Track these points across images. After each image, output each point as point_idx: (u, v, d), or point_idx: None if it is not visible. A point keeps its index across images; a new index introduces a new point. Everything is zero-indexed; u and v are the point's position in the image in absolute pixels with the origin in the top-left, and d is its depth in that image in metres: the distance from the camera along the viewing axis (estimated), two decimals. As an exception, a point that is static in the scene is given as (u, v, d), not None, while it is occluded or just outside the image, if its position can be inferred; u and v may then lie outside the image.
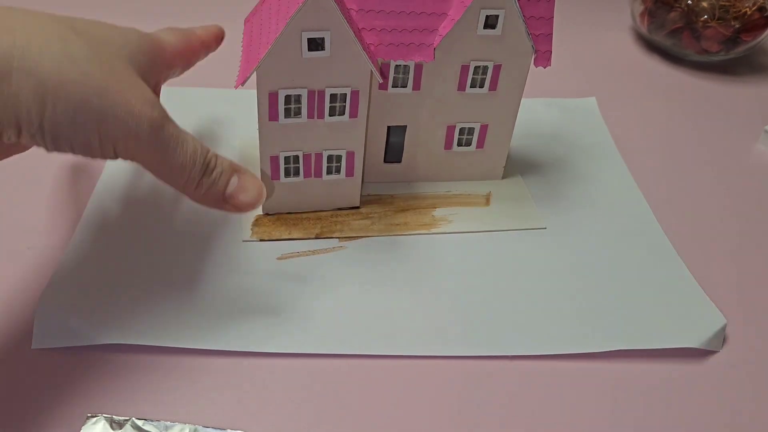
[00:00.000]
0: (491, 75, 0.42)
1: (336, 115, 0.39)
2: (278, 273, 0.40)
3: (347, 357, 0.36)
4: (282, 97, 0.38)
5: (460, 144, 0.45)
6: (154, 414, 0.32)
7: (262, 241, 0.42)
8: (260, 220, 0.43)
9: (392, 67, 0.41)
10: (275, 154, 0.40)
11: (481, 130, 0.45)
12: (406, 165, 0.46)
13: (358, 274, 0.40)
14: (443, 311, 0.39)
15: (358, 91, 0.39)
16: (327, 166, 0.42)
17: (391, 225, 0.43)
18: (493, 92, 0.43)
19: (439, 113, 0.44)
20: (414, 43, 0.40)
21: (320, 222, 0.43)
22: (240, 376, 0.35)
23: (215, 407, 0.33)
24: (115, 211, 0.43)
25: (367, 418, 0.33)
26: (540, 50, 0.42)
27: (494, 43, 0.41)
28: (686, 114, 0.59)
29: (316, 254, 0.41)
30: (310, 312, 0.38)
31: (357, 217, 0.44)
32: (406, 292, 0.39)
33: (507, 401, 0.35)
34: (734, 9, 0.61)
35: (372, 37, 0.39)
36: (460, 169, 0.47)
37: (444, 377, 0.36)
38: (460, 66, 0.41)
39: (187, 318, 0.36)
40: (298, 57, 0.36)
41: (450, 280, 0.40)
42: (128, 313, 0.36)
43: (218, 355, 0.35)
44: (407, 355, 0.36)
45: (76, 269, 0.39)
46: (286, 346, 0.36)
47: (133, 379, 0.34)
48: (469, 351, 0.37)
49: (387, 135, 0.44)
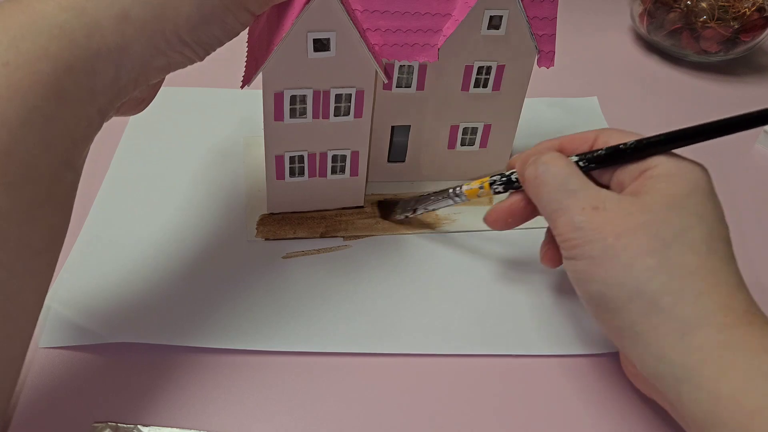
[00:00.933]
0: (495, 75, 0.42)
1: (341, 116, 0.39)
2: (283, 272, 0.40)
3: (353, 355, 0.36)
4: (287, 97, 0.38)
5: (463, 144, 0.46)
6: (159, 420, 0.32)
7: (267, 240, 0.42)
8: (265, 220, 0.43)
9: (396, 68, 0.41)
10: (280, 154, 0.41)
11: (484, 129, 0.45)
12: (410, 164, 0.46)
13: (363, 272, 0.40)
14: (449, 310, 0.39)
15: (363, 91, 0.39)
16: (332, 165, 0.42)
17: (395, 224, 0.44)
18: (496, 92, 0.43)
19: (443, 113, 0.44)
20: (418, 44, 0.40)
21: (325, 221, 0.43)
22: (245, 378, 0.35)
23: (221, 410, 0.33)
24: (121, 211, 0.43)
25: (375, 416, 0.34)
26: (543, 51, 0.42)
27: (498, 43, 0.41)
28: (685, 114, 0.59)
29: (320, 253, 0.42)
30: (316, 310, 0.38)
31: (361, 216, 0.44)
32: (411, 290, 0.40)
33: (509, 399, 0.35)
34: (733, 9, 0.61)
35: (377, 37, 0.40)
36: (463, 169, 0.47)
37: (451, 375, 0.36)
38: (464, 66, 0.42)
39: (194, 317, 0.37)
40: (304, 57, 0.37)
41: (456, 278, 0.41)
42: (135, 312, 0.37)
43: (221, 354, 0.35)
44: (413, 353, 0.36)
45: (84, 268, 0.39)
46: (294, 344, 0.36)
47: (138, 385, 0.34)
48: (473, 350, 0.37)
49: (391, 135, 0.45)
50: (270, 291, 0.39)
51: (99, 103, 0.27)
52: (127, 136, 0.50)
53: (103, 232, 0.41)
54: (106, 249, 0.40)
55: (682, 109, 0.61)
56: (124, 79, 0.28)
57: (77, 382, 0.34)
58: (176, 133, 0.51)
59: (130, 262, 0.40)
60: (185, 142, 0.50)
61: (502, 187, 0.38)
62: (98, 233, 0.41)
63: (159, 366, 0.35)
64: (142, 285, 0.38)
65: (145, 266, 0.39)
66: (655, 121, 0.58)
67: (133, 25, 0.27)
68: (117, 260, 0.40)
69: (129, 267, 0.39)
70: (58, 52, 0.25)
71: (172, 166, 0.47)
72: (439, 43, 0.40)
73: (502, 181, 0.38)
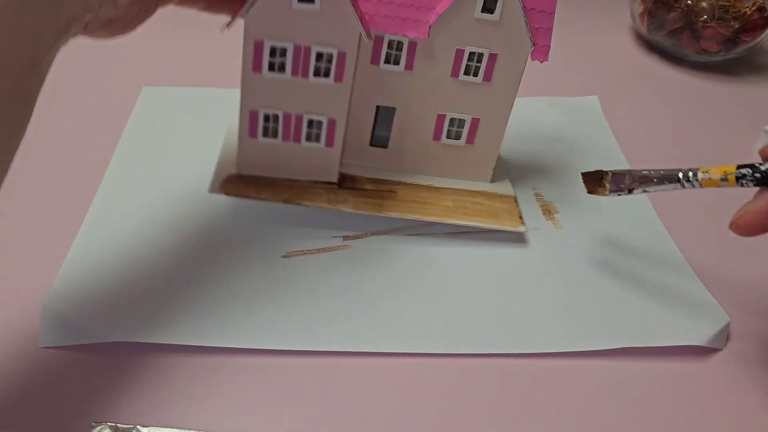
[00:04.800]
0: (486, 64, 0.41)
1: (321, 77, 0.39)
2: (284, 271, 0.40)
3: (355, 355, 0.36)
4: (267, 48, 0.37)
5: (449, 136, 0.44)
6: (158, 420, 0.32)
7: (228, 196, 0.40)
8: (231, 179, 0.42)
9: (386, 42, 0.40)
10: (255, 110, 0.40)
11: (472, 123, 0.44)
12: (393, 152, 0.45)
13: (362, 272, 0.40)
14: (448, 309, 0.38)
15: (345, 53, 0.38)
16: (307, 131, 0.41)
17: (365, 202, 0.42)
18: (487, 83, 0.42)
19: (431, 99, 0.43)
20: (410, 19, 0.40)
21: (293, 190, 0.42)
22: (245, 378, 0.34)
23: (220, 410, 0.33)
24: (120, 209, 0.43)
25: (374, 416, 0.33)
26: (538, 44, 0.41)
27: (491, 29, 0.40)
28: (686, 114, 0.59)
29: (320, 253, 0.41)
30: (316, 309, 0.37)
31: (332, 191, 0.42)
32: (411, 289, 0.39)
33: (511, 399, 0.34)
34: (734, 9, 0.61)
35: (369, 6, 0.39)
36: (447, 165, 0.45)
37: (451, 375, 0.36)
38: (455, 49, 0.41)
39: (192, 315, 0.36)
40: (288, 7, 0.36)
41: (455, 278, 0.40)
42: (133, 310, 0.36)
43: (221, 353, 0.35)
44: (413, 352, 0.36)
45: (82, 267, 0.38)
46: (293, 343, 0.35)
47: (137, 385, 0.33)
48: (473, 349, 0.36)
49: (375, 116, 0.43)
50: (269, 290, 0.38)
51: (65, 12, 0.28)
52: (127, 134, 0.49)
53: (102, 231, 0.41)
54: (105, 248, 0.40)
55: (683, 108, 0.60)
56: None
57: (76, 383, 0.33)
58: (177, 133, 0.50)
59: (128, 261, 0.39)
60: (185, 142, 0.49)
61: (753, 183, 0.32)
62: (96, 233, 0.41)
63: (158, 366, 0.34)
64: (141, 284, 0.38)
65: (143, 265, 0.39)
66: (655, 121, 0.58)
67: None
68: (115, 259, 0.39)
69: (127, 266, 0.39)
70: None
71: (172, 165, 0.47)
72: (431, 20, 0.40)
73: (755, 177, 0.32)
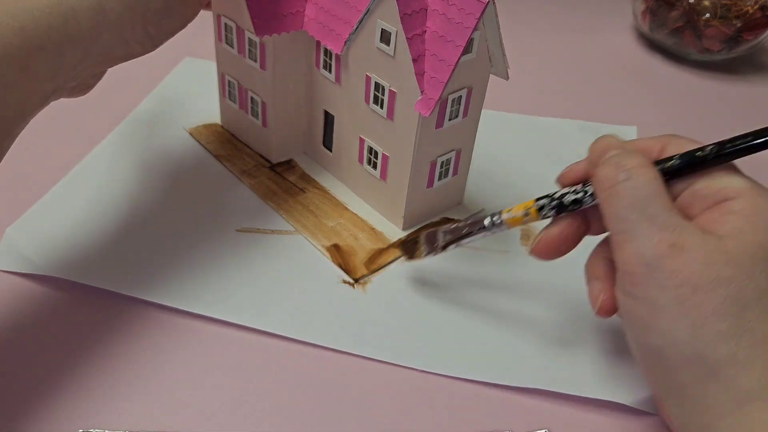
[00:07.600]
0: (388, 99, 0.38)
1: (251, 59, 0.43)
2: (236, 244, 0.40)
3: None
4: (222, 23, 0.43)
5: (369, 163, 0.42)
6: (146, 426, 0.31)
7: (191, 136, 0.48)
8: (212, 127, 0.50)
9: (322, 49, 0.41)
10: (222, 74, 0.46)
11: (383, 158, 0.41)
12: (335, 157, 0.45)
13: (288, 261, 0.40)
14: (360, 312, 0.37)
15: (265, 45, 0.41)
16: (251, 106, 0.45)
17: (267, 188, 0.44)
18: (390, 120, 0.39)
19: (354, 118, 0.41)
20: (334, 31, 0.39)
21: (238, 155, 0.47)
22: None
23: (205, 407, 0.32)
24: (114, 164, 0.45)
25: (371, 416, 0.33)
26: (426, 95, 0.35)
27: (389, 63, 0.37)
28: (688, 113, 0.58)
29: (275, 234, 0.41)
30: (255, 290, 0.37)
31: (260, 168, 0.46)
32: None
33: None
34: (736, 8, 0.61)
35: (312, 10, 0.41)
36: (368, 192, 0.43)
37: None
38: (364, 74, 0.39)
39: (145, 270, 0.37)
40: None
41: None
42: (93, 257, 0.38)
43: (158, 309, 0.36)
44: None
45: (52, 209, 0.41)
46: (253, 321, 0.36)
47: (126, 390, 0.32)
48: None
49: (325, 118, 0.44)
50: (220, 261, 0.39)
51: (57, 81, 0.30)
52: (149, 99, 0.52)
53: (83, 183, 0.43)
54: (80, 196, 0.42)
55: (685, 107, 0.60)
56: (86, 64, 0.31)
57: (63, 388, 0.32)
58: (196, 104, 0.52)
59: (100, 211, 0.41)
60: (200, 111, 0.51)
61: (553, 212, 0.32)
62: (77, 183, 0.43)
63: (152, 375, 0.33)
64: (105, 233, 0.39)
65: (115, 218, 0.41)
66: (657, 120, 0.56)
67: (106, 16, 0.30)
68: (84, 207, 0.41)
69: (94, 215, 0.41)
70: (33, 31, 0.28)
71: (171, 148, 0.48)
72: (346, 35, 0.39)
73: (553, 206, 0.32)
